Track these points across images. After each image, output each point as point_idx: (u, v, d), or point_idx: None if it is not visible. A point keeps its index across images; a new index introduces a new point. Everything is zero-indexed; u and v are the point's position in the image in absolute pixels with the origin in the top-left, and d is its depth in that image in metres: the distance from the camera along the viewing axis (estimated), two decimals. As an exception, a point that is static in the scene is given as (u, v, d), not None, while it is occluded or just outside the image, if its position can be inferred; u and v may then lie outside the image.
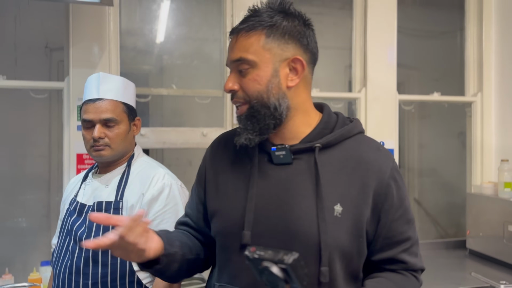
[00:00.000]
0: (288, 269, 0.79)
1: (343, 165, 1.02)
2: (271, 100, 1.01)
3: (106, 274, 1.38)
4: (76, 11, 2.14)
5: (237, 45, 1.02)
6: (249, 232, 0.99)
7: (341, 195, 1.00)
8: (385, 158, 1.05)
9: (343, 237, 0.98)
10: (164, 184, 1.45)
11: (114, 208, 1.42)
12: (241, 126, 1.03)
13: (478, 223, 2.45)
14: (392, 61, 2.62)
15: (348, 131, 1.06)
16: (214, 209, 1.09)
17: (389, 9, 2.63)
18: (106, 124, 1.44)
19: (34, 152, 2.91)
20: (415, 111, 3.04)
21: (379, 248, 1.04)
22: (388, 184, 1.02)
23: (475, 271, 2.20)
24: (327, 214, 0.98)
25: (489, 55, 2.79)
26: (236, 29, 1.03)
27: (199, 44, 2.78)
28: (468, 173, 2.87)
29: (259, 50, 1.00)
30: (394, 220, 1.03)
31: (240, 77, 1.02)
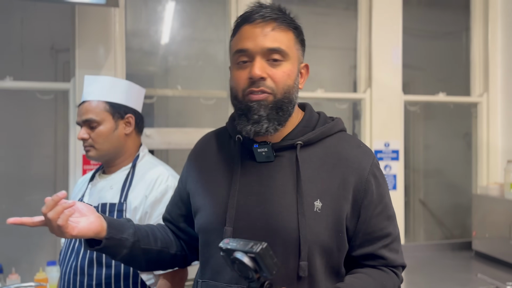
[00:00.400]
0: (257, 258, 0.82)
1: (324, 162, 1.04)
2: (293, 96, 1.04)
3: (110, 275, 1.39)
4: (82, 12, 2.15)
5: (273, 34, 1.00)
6: (231, 228, 1.01)
7: (321, 191, 1.02)
8: (365, 154, 1.07)
9: (322, 233, 1.00)
10: (167, 186, 1.45)
11: (118, 210, 1.43)
12: (263, 113, 0.99)
13: (484, 224, 2.44)
14: (398, 61, 2.62)
15: (329, 129, 1.08)
16: (198, 206, 1.11)
17: (394, 9, 2.62)
18: (89, 125, 1.47)
19: (40, 153, 2.92)
20: (420, 112, 3.03)
21: (359, 243, 1.06)
22: (367, 180, 1.04)
23: (481, 273, 2.19)
24: (306, 209, 1.00)
25: (495, 55, 2.78)
26: (262, 16, 1.00)
27: (204, 45, 2.79)
28: (474, 174, 2.86)
29: (292, 47, 1.03)
30: (373, 216, 1.05)
31: (270, 67, 1.00)
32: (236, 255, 0.84)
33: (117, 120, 1.49)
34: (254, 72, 0.98)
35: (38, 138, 2.92)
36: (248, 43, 1.00)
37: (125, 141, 1.53)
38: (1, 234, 2.76)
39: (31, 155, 2.93)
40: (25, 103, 2.70)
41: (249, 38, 1.00)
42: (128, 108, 1.52)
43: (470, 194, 2.77)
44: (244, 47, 1.01)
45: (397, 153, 2.57)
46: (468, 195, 2.85)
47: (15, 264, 2.07)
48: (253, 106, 1.00)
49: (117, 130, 1.49)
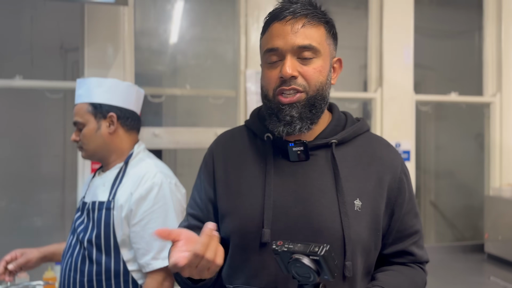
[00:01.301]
0: (321, 260, 0.81)
1: (358, 161, 1.04)
2: (326, 93, 1.02)
3: (100, 272, 1.40)
4: (91, 11, 2.15)
5: (303, 31, 0.97)
6: (269, 230, 0.98)
7: (359, 190, 1.01)
8: (395, 154, 1.09)
9: (363, 232, 0.99)
10: (153, 183, 1.43)
11: (106, 208, 1.43)
12: (295, 114, 0.98)
13: (497, 227, 2.39)
14: (409, 60, 2.58)
15: (359, 128, 1.08)
16: (227, 209, 1.05)
17: (405, 8, 2.59)
18: (78, 128, 1.52)
19: (49, 152, 2.93)
20: (432, 112, 2.99)
21: (391, 241, 1.06)
22: (400, 178, 1.05)
23: (494, 276, 2.15)
24: (348, 209, 0.98)
25: (509, 54, 2.74)
26: (292, 12, 0.98)
27: (213, 44, 2.77)
28: (486, 175, 2.81)
29: (323, 43, 1.00)
30: (405, 214, 1.06)
31: (301, 64, 0.98)
32: (298, 258, 0.82)
33: (99, 120, 1.50)
34: (285, 71, 0.96)
35: (47, 137, 2.93)
36: (278, 42, 0.98)
37: (112, 140, 1.52)
38: (11, 233, 2.77)
39: (40, 154, 2.95)
40: (34, 102, 2.71)
41: (279, 36, 0.98)
42: (112, 107, 1.51)
43: (482, 196, 2.73)
44: (274, 46, 0.99)
45: (408, 153, 2.54)
46: (480, 197, 2.81)
47: (24, 263, 2.07)
48: (285, 107, 0.98)
49: (100, 130, 1.50)
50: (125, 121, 1.54)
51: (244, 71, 2.38)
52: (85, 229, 1.45)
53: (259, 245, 0.98)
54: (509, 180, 2.71)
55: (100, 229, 1.42)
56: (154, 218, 1.41)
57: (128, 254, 1.42)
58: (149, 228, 1.39)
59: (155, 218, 1.41)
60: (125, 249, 1.41)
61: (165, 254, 1.38)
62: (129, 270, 1.41)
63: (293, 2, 1.01)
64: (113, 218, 1.42)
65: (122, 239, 1.41)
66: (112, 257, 1.41)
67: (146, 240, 1.39)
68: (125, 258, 1.42)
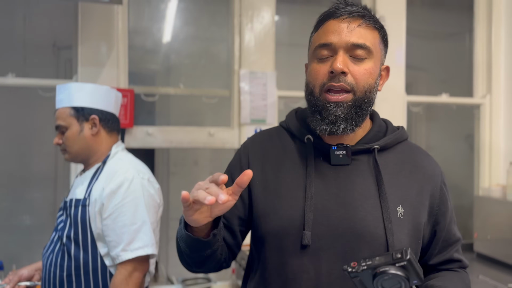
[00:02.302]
0: (408, 265, 0.79)
1: (401, 168, 1.04)
2: (373, 97, 1.00)
3: (79, 267, 1.45)
4: (85, 10, 2.15)
5: (359, 30, 0.96)
6: (310, 232, 0.96)
7: (401, 197, 1.00)
8: (435, 164, 1.10)
9: (405, 239, 0.98)
10: (124, 178, 1.48)
11: (82, 205, 1.49)
12: (340, 114, 0.95)
13: (486, 226, 2.43)
14: (401, 62, 2.61)
15: (401, 136, 1.08)
16: (265, 210, 1.02)
17: (397, 10, 2.61)
18: (61, 131, 1.58)
19: (41, 151, 2.92)
20: (423, 112, 3.02)
21: (438, 251, 1.06)
22: (441, 188, 1.06)
23: (483, 275, 2.18)
24: (391, 215, 0.97)
25: (498, 56, 2.77)
26: (349, 11, 0.97)
27: (206, 44, 2.78)
28: (476, 176, 2.85)
29: (376, 46, 0.99)
30: (449, 223, 1.07)
31: (352, 63, 0.96)
32: (385, 270, 0.79)
33: (81, 122, 1.56)
34: (336, 65, 0.94)
35: (40, 135, 2.92)
36: (333, 37, 0.96)
37: (94, 141, 1.58)
38: (2, 231, 2.76)
39: (32, 153, 2.93)
40: (27, 100, 2.69)
41: (334, 32, 0.97)
42: (93, 110, 1.58)
43: (472, 196, 2.76)
44: (328, 41, 0.97)
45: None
46: (470, 197, 2.84)
47: (16, 261, 2.06)
48: (330, 106, 0.96)
49: (83, 132, 1.56)
50: (106, 123, 1.60)
51: (237, 71, 2.39)
52: (64, 226, 1.51)
53: (299, 247, 0.96)
54: (498, 180, 2.75)
55: (77, 226, 1.47)
56: (124, 212, 1.45)
57: (103, 248, 1.47)
58: (119, 221, 1.44)
59: (125, 211, 1.45)
60: (101, 243, 1.47)
61: (135, 246, 1.44)
62: (106, 265, 1.47)
63: (349, 4, 1.00)
64: (89, 214, 1.47)
65: (97, 233, 1.46)
66: (89, 253, 1.46)
67: (117, 232, 1.44)
68: (101, 253, 1.47)
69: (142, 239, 1.46)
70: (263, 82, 2.40)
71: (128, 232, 1.44)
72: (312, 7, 2.99)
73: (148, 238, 1.47)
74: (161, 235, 3.13)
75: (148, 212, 1.49)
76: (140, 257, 1.46)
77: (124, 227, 1.44)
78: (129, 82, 2.27)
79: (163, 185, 3.53)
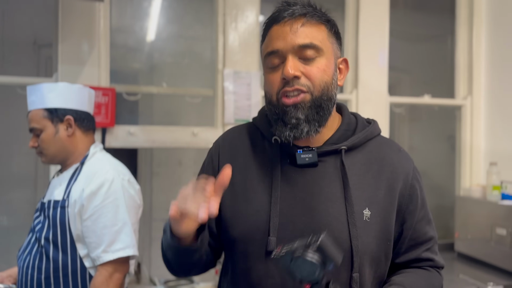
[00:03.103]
0: (322, 246, 0.78)
1: (368, 168, 1.01)
2: (333, 93, 0.98)
3: (57, 269, 1.43)
4: (66, 7, 2.11)
5: (302, 30, 0.94)
6: (275, 238, 0.95)
7: (369, 199, 0.98)
8: (406, 159, 1.05)
9: (372, 242, 0.96)
10: (105, 179, 1.47)
11: (61, 207, 1.47)
12: (301, 116, 0.94)
13: (466, 226, 2.46)
14: (384, 63, 2.63)
15: (371, 133, 1.05)
16: (231, 214, 1.01)
17: (381, 12, 2.63)
18: (36, 134, 1.55)
19: (21, 150, 2.86)
20: (406, 113, 3.05)
21: (405, 250, 1.04)
22: (412, 185, 1.02)
23: (463, 273, 2.21)
24: (357, 219, 0.95)
25: (479, 59, 2.82)
26: (291, 13, 0.95)
27: (190, 42, 2.76)
28: (457, 176, 2.89)
29: (325, 41, 0.97)
30: (418, 221, 1.03)
31: (303, 64, 0.94)
32: (299, 255, 0.78)
33: (56, 124, 1.54)
34: (287, 72, 0.92)
35: (19, 134, 2.85)
36: (278, 43, 0.95)
37: (70, 142, 1.56)
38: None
39: (12, 152, 2.87)
40: (5, 99, 2.63)
41: (278, 38, 0.95)
42: (67, 110, 1.55)
43: (453, 196, 2.80)
44: (274, 48, 0.96)
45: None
46: (451, 197, 2.88)
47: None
48: (289, 109, 0.94)
49: (59, 134, 1.54)
50: (81, 122, 1.58)
51: (221, 70, 2.38)
52: (42, 227, 1.48)
53: (265, 253, 0.95)
54: (479, 180, 2.79)
55: (56, 227, 1.45)
56: (104, 213, 1.44)
57: (83, 249, 1.45)
58: (100, 223, 1.43)
59: (106, 212, 1.44)
60: (80, 245, 1.45)
61: (116, 247, 1.43)
62: (86, 267, 1.45)
63: (291, 4, 0.98)
64: (68, 216, 1.45)
65: (77, 234, 1.45)
66: (68, 255, 1.44)
67: (97, 234, 1.42)
68: (81, 254, 1.45)
69: (123, 240, 1.44)
70: (247, 82, 2.39)
71: (109, 233, 1.43)
72: (297, 7, 2.99)
73: (129, 239, 1.46)
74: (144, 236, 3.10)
75: (129, 213, 1.48)
76: (121, 258, 1.44)
77: (105, 228, 1.43)
78: (110, 81, 2.24)
79: (146, 185, 3.49)
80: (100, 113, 2.13)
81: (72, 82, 2.10)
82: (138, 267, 2.50)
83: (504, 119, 2.66)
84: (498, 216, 2.22)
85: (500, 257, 2.20)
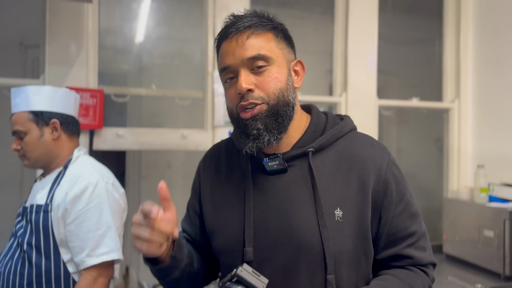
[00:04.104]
0: (240, 279, 0.84)
1: (338, 167, 1.00)
2: (290, 98, 0.99)
3: (40, 274, 1.41)
4: (54, 7, 2.09)
5: (249, 42, 0.96)
6: (251, 248, 0.96)
7: (339, 199, 0.97)
8: (380, 153, 1.02)
9: (346, 242, 0.95)
10: (88, 183, 1.46)
11: (44, 211, 1.45)
12: (260, 126, 0.96)
13: (454, 228, 2.48)
14: (373, 66, 2.65)
15: (339, 131, 1.04)
16: (213, 227, 1.05)
17: (370, 15, 2.65)
18: (19, 136, 1.53)
19: (6, 152, 2.81)
20: (394, 116, 3.07)
21: (383, 246, 1.01)
22: (385, 180, 0.99)
23: (451, 275, 2.23)
24: (327, 220, 0.95)
25: (466, 62, 2.85)
26: (236, 28, 0.98)
27: (179, 44, 2.74)
28: (445, 179, 2.92)
29: (274, 49, 0.99)
30: (395, 216, 1.00)
31: (255, 76, 0.97)
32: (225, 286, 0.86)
33: (41, 127, 1.52)
34: (240, 87, 0.95)
35: (4, 136, 2.81)
36: (228, 59, 0.98)
37: (55, 146, 1.55)
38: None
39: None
40: (-9, 100, 2.59)
41: (228, 54, 0.98)
42: (53, 113, 1.54)
43: (441, 198, 2.82)
44: (225, 64, 0.98)
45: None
46: (439, 199, 2.91)
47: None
48: (248, 122, 0.96)
49: (44, 137, 1.52)
50: (67, 126, 1.57)
51: (211, 72, 2.37)
52: (24, 232, 1.46)
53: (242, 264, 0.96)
54: (466, 183, 2.82)
55: (39, 232, 1.43)
56: (88, 217, 1.42)
57: (67, 254, 1.43)
58: (84, 227, 1.41)
59: (90, 216, 1.42)
60: (64, 249, 1.43)
61: (100, 252, 1.41)
62: (70, 272, 1.43)
63: (238, 17, 1.00)
64: (51, 220, 1.43)
65: (60, 238, 1.42)
66: (52, 260, 1.42)
67: (81, 238, 1.41)
68: (64, 259, 1.43)
69: (107, 244, 1.43)
70: (237, 84, 2.38)
71: (93, 238, 1.41)
72: (286, 10, 3.00)
73: (114, 243, 1.44)
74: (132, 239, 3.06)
75: (113, 217, 1.47)
76: (105, 262, 1.42)
77: (89, 232, 1.41)
78: (99, 82, 2.21)
79: (135, 188, 3.46)
80: (88, 115, 2.11)
81: (59, 83, 2.07)
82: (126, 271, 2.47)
83: (491, 122, 2.70)
84: (486, 218, 2.25)
85: (487, 259, 2.22)
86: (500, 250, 2.13)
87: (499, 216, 2.16)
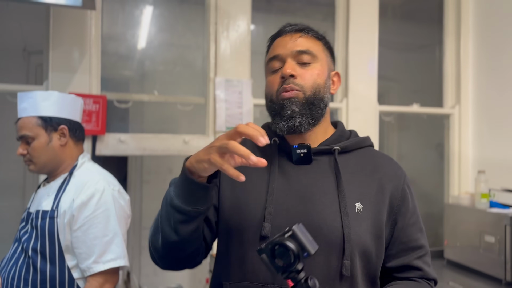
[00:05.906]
0: (295, 233, 0.82)
1: (361, 168, 1.07)
2: (325, 96, 1.08)
3: (45, 280, 1.41)
4: (57, 14, 2.11)
5: (302, 39, 1.07)
6: (269, 224, 1.00)
7: (360, 194, 1.03)
8: (398, 167, 1.12)
9: (364, 234, 1.00)
10: (95, 190, 1.46)
11: (50, 217, 1.45)
12: (295, 109, 1.03)
13: (455, 233, 2.49)
14: (373, 72, 2.66)
15: (363, 141, 1.13)
16: (231, 203, 1.07)
17: (370, 22, 2.67)
18: (26, 141, 1.52)
19: (9, 158, 2.82)
20: (395, 122, 3.08)
21: (395, 253, 1.06)
22: (403, 189, 1.07)
23: (452, 281, 2.22)
24: (349, 209, 1.00)
25: (467, 68, 2.87)
26: (292, 28, 1.09)
27: (181, 51, 2.77)
28: (446, 184, 2.92)
29: (320, 52, 1.09)
30: (409, 225, 1.06)
31: (300, 67, 1.06)
32: (277, 241, 0.82)
33: (50, 133, 1.53)
34: (285, 70, 1.04)
35: (8, 142, 2.83)
36: (279, 50, 1.08)
37: (62, 152, 1.55)
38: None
39: (0, 160, 2.83)
40: (-6, 106, 2.61)
41: (279, 46, 1.09)
42: (61, 119, 1.55)
43: (442, 204, 2.82)
44: (275, 53, 1.08)
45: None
46: (440, 205, 2.91)
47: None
48: (285, 103, 1.04)
49: (52, 143, 1.53)
50: (74, 132, 1.58)
51: (213, 79, 2.39)
52: (29, 238, 1.46)
53: (259, 239, 0.99)
54: (467, 188, 2.82)
55: (44, 238, 1.43)
56: (95, 223, 1.43)
57: (72, 260, 1.43)
58: (90, 233, 1.41)
59: (96, 223, 1.43)
60: (69, 255, 1.43)
61: (106, 258, 1.42)
62: (74, 278, 1.43)
63: (292, 24, 1.12)
64: (57, 226, 1.43)
65: (66, 244, 1.43)
66: (57, 266, 1.42)
67: (88, 244, 1.41)
68: (69, 265, 1.43)
69: (114, 251, 1.43)
70: (239, 90, 2.40)
71: (100, 244, 1.41)
72: (287, 17, 3.02)
73: (120, 250, 1.45)
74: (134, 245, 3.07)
75: (119, 224, 1.47)
76: (112, 269, 1.43)
77: (95, 239, 1.41)
78: (101, 88, 2.23)
79: (136, 193, 3.47)
80: (91, 121, 2.13)
81: (62, 89, 2.09)
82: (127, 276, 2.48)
83: (492, 128, 2.70)
84: (487, 223, 2.25)
85: (488, 265, 2.22)
86: (501, 255, 2.13)
87: (500, 221, 2.16)
